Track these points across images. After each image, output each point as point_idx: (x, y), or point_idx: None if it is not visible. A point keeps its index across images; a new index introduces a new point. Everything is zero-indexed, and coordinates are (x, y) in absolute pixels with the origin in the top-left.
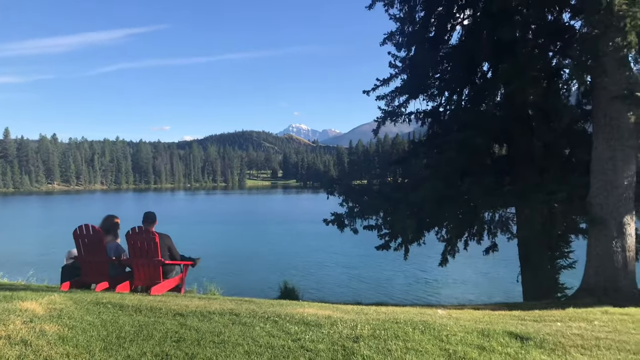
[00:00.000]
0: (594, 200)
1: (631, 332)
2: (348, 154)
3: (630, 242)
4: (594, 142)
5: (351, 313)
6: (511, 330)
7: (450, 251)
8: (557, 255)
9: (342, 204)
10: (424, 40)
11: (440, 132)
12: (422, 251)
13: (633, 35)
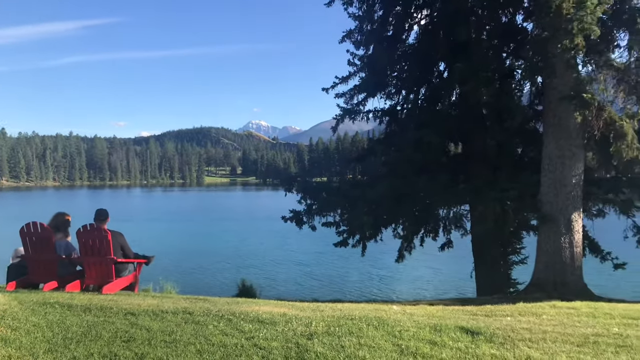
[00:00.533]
0: (544, 198)
1: (576, 325)
2: (308, 151)
3: (577, 238)
4: (544, 141)
5: (307, 310)
6: (462, 325)
7: (406, 247)
8: (509, 251)
9: (300, 201)
10: (382, 39)
11: (398, 130)
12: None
13: (580, 38)
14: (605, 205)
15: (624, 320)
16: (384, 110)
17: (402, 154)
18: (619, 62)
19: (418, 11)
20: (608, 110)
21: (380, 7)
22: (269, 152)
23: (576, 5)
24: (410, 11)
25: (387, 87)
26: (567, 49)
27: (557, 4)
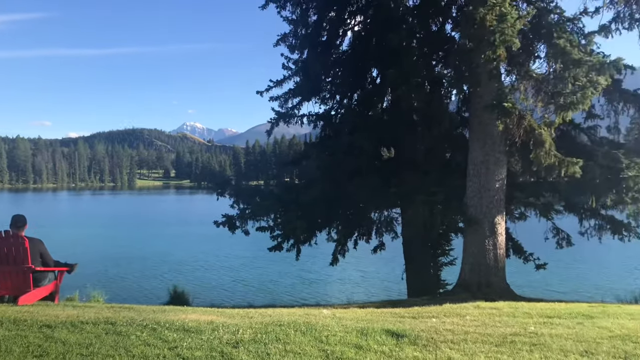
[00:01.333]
0: (469, 202)
1: (497, 325)
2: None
3: (500, 241)
4: (470, 147)
5: (236, 317)
6: (389, 328)
7: (340, 251)
8: (439, 253)
9: (232, 206)
10: (316, 44)
11: (332, 134)
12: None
13: (502, 49)
14: (527, 208)
15: (540, 319)
16: (318, 114)
17: (335, 158)
18: (539, 73)
19: (352, 17)
20: (528, 118)
21: (315, 12)
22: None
23: (498, 18)
24: (344, 17)
25: (321, 91)
26: (490, 59)
27: (482, 16)
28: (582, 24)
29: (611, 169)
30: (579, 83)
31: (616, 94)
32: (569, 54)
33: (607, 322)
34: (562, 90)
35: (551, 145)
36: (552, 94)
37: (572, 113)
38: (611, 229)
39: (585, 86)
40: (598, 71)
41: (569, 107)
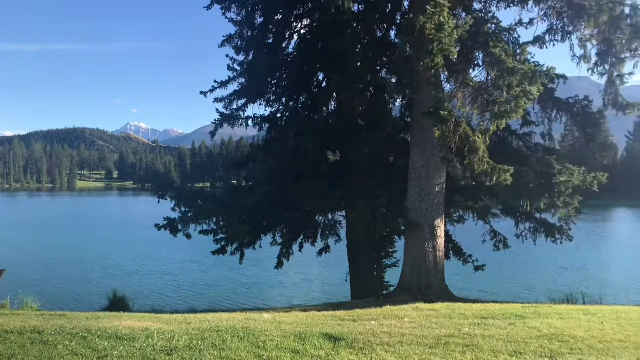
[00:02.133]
0: (410, 205)
1: (433, 327)
2: (191, 155)
3: (440, 243)
4: (411, 151)
5: (173, 323)
6: (327, 332)
7: (285, 254)
8: (382, 255)
9: (174, 209)
10: (262, 46)
11: (278, 137)
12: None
13: (440, 58)
14: (465, 211)
15: (475, 320)
16: (263, 117)
17: (280, 161)
18: (476, 81)
19: (298, 21)
20: (464, 126)
21: (261, 15)
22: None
23: (436, 27)
24: (290, 20)
25: (267, 94)
26: (428, 67)
27: (421, 25)
28: (518, 34)
29: (544, 174)
30: (513, 92)
31: (550, 102)
32: (503, 62)
33: (537, 322)
34: (497, 99)
35: (485, 152)
36: (488, 102)
37: (506, 121)
38: (545, 231)
39: (519, 96)
40: (530, 80)
41: (503, 115)
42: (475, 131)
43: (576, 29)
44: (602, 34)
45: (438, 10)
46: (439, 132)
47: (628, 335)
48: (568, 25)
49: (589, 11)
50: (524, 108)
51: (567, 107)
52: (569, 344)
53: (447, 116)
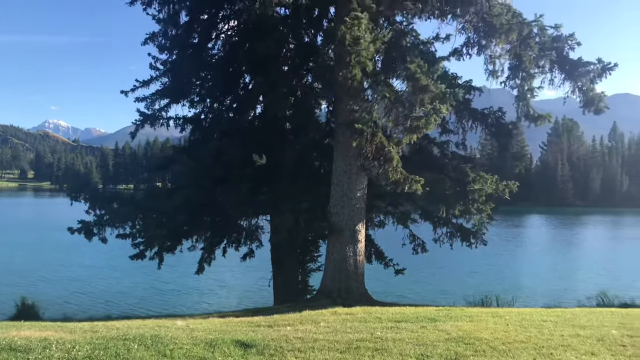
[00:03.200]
0: (332, 210)
1: (347, 331)
2: (114, 156)
3: (360, 247)
4: (334, 156)
5: (77, 332)
6: (239, 339)
7: (206, 259)
8: (307, 260)
9: (88, 211)
10: (187, 46)
11: (201, 139)
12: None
13: (357, 70)
14: (386, 216)
15: (389, 323)
16: (186, 118)
17: (201, 164)
18: (392, 94)
19: (225, 21)
20: (379, 136)
21: (187, 14)
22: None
23: (353, 40)
24: (216, 21)
25: (191, 94)
26: (346, 78)
27: (341, 35)
28: (435, 48)
29: (460, 182)
30: (425, 108)
31: (466, 112)
32: (417, 80)
33: (447, 325)
34: (410, 114)
35: (398, 162)
36: (402, 116)
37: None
38: (461, 236)
39: (430, 113)
40: (441, 100)
41: (414, 130)
42: (391, 141)
43: (490, 44)
44: (513, 50)
45: (356, 22)
46: (355, 142)
47: (529, 336)
48: (483, 40)
49: (500, 29)
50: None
51: (482, 118)
52: (474, 346)
53: (362, 128)
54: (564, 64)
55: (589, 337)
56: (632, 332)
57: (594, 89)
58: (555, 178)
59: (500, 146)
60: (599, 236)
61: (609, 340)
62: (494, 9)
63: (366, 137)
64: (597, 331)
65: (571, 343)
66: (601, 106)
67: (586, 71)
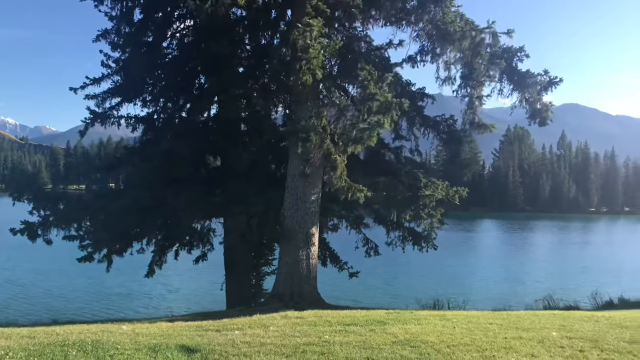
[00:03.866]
0: (286, 213)
1: (296, 335)
2: (65, 155)
3: (314, 251)
4: (289, 159)
5: (13, 338)
6: (184, 344)
7: (157, 262)
8: (262, 263)
9: (32, 212)
10: (141, 44)
11: (153, 139)
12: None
13: (308, 76)
14: (340, 220)
15: (338, 327)
16: (138, 117)
17: (152, 165)
18: (341, 101)
19: (181, 21)
20: (327, 143)
21: (141, 12)
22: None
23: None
24: (172, 19)
25: (143, 93)
26: (297, 84)
27: (293, 41)
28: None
29: (412, 187)
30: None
31: (418, 119)
32: (366, 87)
33: (396, 328)
34: (357, 123)
35: (343, 170)
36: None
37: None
38: (412, 240)
39: (373, 126)
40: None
41: (358, 141)
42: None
43: (443, 51)
44: (465, 58)
45: (308, 29)
46: (301, 149)
47: (474, 339)
48: (436, 47)
49: (453, 36)
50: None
51: (434, 125)
52: (420, 349)
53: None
54: (513, 75)
55: (530, 339)
56: (571, 334)
57: (541, 100)
58: (507, 184)
59: (451, 153)
60: (547, 241)
61: (548, 342)
62: (447, 16)
63: (314, 144)
64: (538, 333)
65: (513, 345)
66: (546, 117)
67: (534, 82)
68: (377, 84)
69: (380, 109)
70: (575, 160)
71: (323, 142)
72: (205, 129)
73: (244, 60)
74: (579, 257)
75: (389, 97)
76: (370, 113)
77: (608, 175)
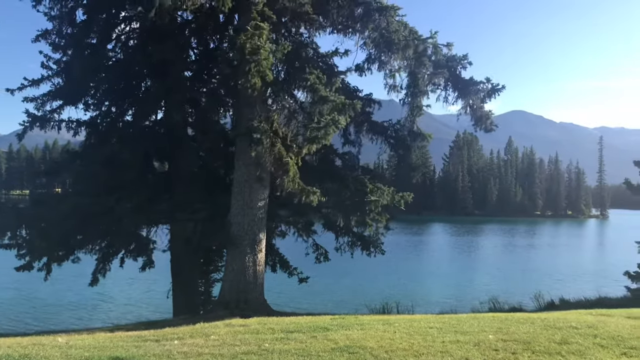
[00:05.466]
0: (233, 219)
1: (236, 344)
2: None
3: (260, 257)
4: (235, 165)
5: None
6: (117, 356)
7: (101, 270)
8: (211, 269)
9: None
10: (84, 46)
11: (96, 143)
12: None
13: (257, 79)
14: (287, 226)
15: (281, 334)
16: (79, 121)
17: (95, 170)
18: (291, 104)
19: (125, 22)
20: (278, 146)
21: (84, 12)
22: None
23: (253, 49)
24: (117, 21)
25: (86, 97)
26: (246, 87)
27: (241, 44)
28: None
29: (359, 192)
30: (324, 120)
31: (366, 125)
32: (317, 91)
33: (338, 334)
34: (309, 125)
35: (295, 174)
36: (303, 126)
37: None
38: (361, 245)
39: (328, 124)
40: (339, 111)
41: (313, 140)
42: (290, 152)
43: (388, 59)
44: (409, 66)
45: (257, 32)
46: (253, 152)
47: (412, 343)
48: (383, 55)
49: (398, 45)
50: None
51: (382, 130)
52: (357, 355)
53: (260, 138)
54: (457, 83)
55: (467, 343)
56: (507, 337)
57: (483, 108)
58: (456, 188)
59: (398, 158)
60: (495, 244)
61: (484, 344)
62: (392, 25)
63: (265, 147)
64: (475, 336)
65: (450, 349)
66: (489, 125)
67: (476, 90)
68: (326, 88)
69: (333, 111)
70: (521, 166)
71: (274, 145)
72: (152, 133)
73: (192, 64)
74: (524, 260)
75: (342, 98)
76: (323, 115)
77: (552, 180)
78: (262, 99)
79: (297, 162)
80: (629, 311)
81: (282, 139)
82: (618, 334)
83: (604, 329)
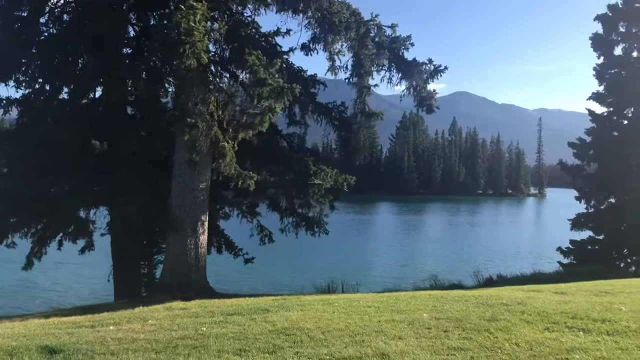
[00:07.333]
0: (173, 202)
1: (173, 328)
2: None
3: (202, 240)
4: (176, 146)
5: None
6: (47, 344)
7: (36, 253)
8: (154, 251)
9: None
10: (13, 19)
11: (29, 123)
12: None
13: (193, 60)
14: (232, 208)
15: (220, 317)
16: (9, 99)
17: (26, 151)
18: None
19: None
20: (215, 130)
21: None
22: None
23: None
24: None
25: (17, 73)
26: (181, 68)
27: (176, 23)
28: (275, 41)
29: (302, 174)
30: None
31: (310, 105)
32: (256, 72)
33: (277, 315)
34: (246, 110)
35: (232, 158)
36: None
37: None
38: (305, 225)
39: (265, 111)
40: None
41: (249, 127)
42: (226, 136)
43: (332, 40)
44: (353, 48)
45: (192, 12)
46: (187, 135)
47: (349, 323)
48: (327, 36)
49: (340, 26)
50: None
51: (326, 111)
52: (294, 336)
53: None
54: (400, 64)
55: (401, 322)
56: (440, 315)
57: (426, 88)
58: (402, 168)
59: (342, 139)
60: (438, 222)
61: (418, 323)
62: (334, 6)
63: (201, 130)
64: (410, 315)
65: (385, 328)
66: (432, 105)
67: (419, 71)
68: (267, 69)
69: (272, 94)
70: (465, 146)
71: (210, 129)
72: (89, 112)
73: (132, 41)
74: (465, 238)
75: (281, 82)
76: (261, 98)
77: (494, 159)
78: (200, 79)
79: (233, 146)
80: (557, 286)
81: (219, 123)
82: (544, 310)
83: (532, 305)
